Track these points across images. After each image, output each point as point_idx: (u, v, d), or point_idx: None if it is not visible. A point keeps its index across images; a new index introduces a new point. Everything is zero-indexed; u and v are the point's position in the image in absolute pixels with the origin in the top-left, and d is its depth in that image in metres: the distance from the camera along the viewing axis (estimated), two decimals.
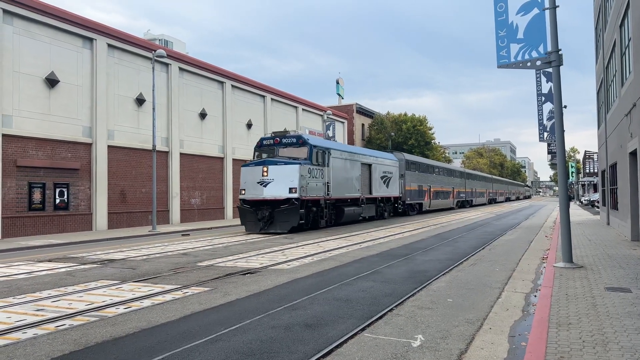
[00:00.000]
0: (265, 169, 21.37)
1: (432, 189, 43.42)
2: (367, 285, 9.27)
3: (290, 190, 20.93)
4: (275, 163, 21.53)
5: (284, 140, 22.98)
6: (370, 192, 29.64)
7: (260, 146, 23.69)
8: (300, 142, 22.75)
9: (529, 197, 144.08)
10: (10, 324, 6.68)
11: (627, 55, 15.68)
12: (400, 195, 35.35)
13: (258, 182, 21.33)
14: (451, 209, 50.39)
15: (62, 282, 10.02)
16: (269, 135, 24.09)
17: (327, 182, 23.68)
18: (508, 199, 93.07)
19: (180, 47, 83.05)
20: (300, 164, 21.58)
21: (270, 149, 23.17)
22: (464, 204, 56.83)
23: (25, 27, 21.91)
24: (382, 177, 31.70)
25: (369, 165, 29.75)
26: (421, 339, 5.87)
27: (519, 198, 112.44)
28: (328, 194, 23.73)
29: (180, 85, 31.13)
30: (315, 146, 23.02)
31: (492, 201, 75.10)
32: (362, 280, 9.89)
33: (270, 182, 21.16)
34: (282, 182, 21.03)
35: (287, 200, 21.01)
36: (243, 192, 21.84)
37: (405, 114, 63.01)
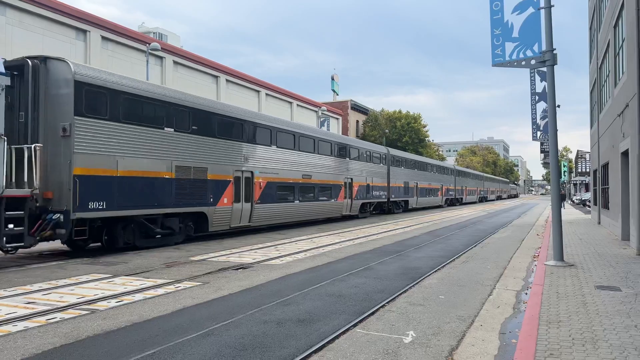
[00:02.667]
0: None
1: (261, 180, 19.08)
2: (360, 282, 9.29)
3: None
4: None
5: None
6: None
7: None
8: None
9: (515, 196, 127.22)
10: (0, 317, 6.64)
11: (620, 56, 15.76)
12: (30, 194, 11.26)
13: None
14: (349, 218, 28.23)
15: (54, 275, 9.97)
16: None
17: None
18: (483, 199, 74.11)
19: (175, 41, 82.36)
20: None
21: None
22: (386, 208, 34.31)
23: (18, 18, 21.71)
24: None
25: None
26: (412, 335, 5.90)
27: (500, 197, 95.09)
28: None
29: (174, 79, 30.99)
30: None
31: (454, 202, 54.18)
32: (354, 276, 9.91)
33: None
34: None
35: None
36: None
37: (400, 111, 63.12)
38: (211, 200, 16.36)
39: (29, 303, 7.49)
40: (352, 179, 27.74)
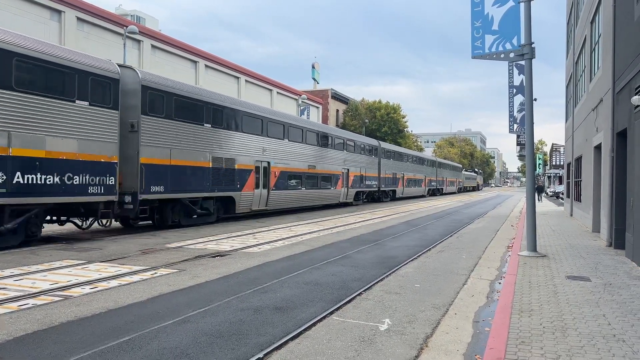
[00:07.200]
0: None
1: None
2: (337, 270, 9.35)
3: None
4: None
5: None
6: None
7: None
8: None
9: (475, 188, 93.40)
10: None
11: (596, 52, 16.04)
12: None
13: None
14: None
15: (26, 260, 9.77)
16: None
17: None
18: (388, 197, 40.05)
19: (153, 24, 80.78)
20: None
21: None
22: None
23: None
24: None
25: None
26: (388, 322, 5.97)
27: (439, 191, 59.16)
28: None
29: (152, 63, 30.43)
30: None
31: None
32: (331, 264, 9.96)
33: None
34: None
35: None
36: None
37: (380, 101, 63.27)
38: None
39: (0, 289, 7.33)
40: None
